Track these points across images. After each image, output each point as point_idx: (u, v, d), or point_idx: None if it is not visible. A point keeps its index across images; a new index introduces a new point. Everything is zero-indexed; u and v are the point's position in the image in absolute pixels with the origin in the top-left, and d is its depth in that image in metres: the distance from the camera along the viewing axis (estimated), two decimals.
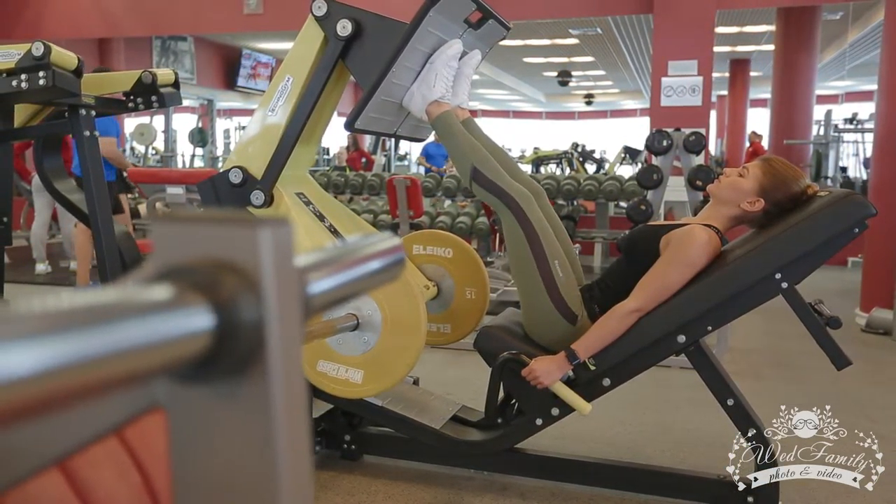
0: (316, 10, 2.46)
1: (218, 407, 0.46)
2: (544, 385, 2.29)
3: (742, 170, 2.37)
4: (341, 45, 2.44)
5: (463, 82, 2.62)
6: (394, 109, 2.56)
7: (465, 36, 2.59)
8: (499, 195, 2.35)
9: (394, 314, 2.22)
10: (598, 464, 2.59)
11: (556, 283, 2.33)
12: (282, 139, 2.54)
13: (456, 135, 2.46)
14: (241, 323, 0.43)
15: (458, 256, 2.91)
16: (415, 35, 2.33)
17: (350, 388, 2.30)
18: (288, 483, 0.47)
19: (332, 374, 2.31)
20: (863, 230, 2.13)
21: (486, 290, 2.90)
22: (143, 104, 3.29)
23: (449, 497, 2.53)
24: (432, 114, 2.49)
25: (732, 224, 2.40)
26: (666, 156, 5.86)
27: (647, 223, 2.51)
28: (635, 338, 2.28)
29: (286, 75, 2.56)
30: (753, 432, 2.33)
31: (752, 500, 2.36)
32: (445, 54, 2.48)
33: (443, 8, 2.34)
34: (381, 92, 2.39)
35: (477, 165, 2.38)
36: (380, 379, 2.29)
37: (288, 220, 0.48)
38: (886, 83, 5.18)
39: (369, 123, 2.52)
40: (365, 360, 2.28)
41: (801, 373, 4.11)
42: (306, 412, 0.51)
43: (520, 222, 2.34)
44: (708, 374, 2.38)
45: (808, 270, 2.20)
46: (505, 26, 2.74)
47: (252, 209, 2.61)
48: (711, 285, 2.23)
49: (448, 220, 8.39)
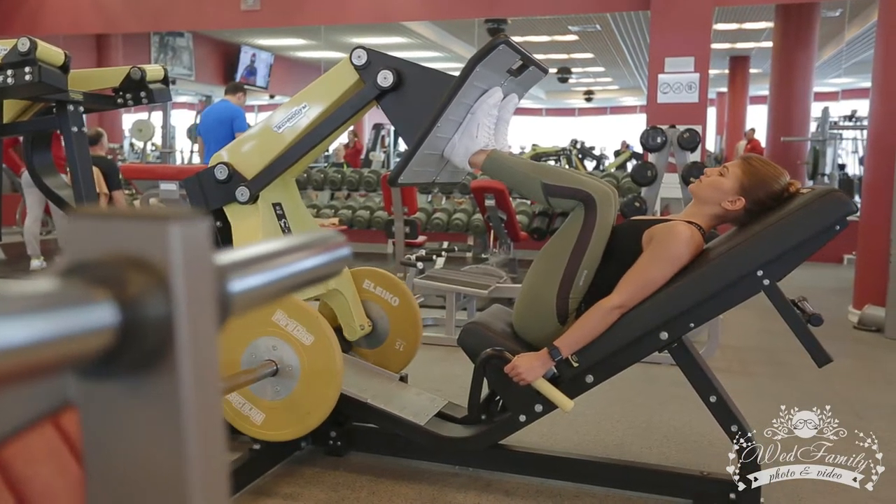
0: (355, 60, 2.49)
1: (127, 403, 0.46)
2: (527, 381, 2.29)
3: (723, 169, 2.37)
4: (377, 93, 2.46)
5: (502, 127, 2.61)
6: (435, 160, 2.56)
7: (505, 83, 2.59)
8: (574, 195, 2.32)
9: (312, 377, 2.30)
10: (582, 460, 2.59)
11: (571, 286, 2.33)
12: (284, 155, 2.59)
13: (511, 167, 2.45)
14: (147, 319, 0.43)
15: (402, 308, 3.02)
16: (461, 90, 2.33)
17: (248, 425, 2.39)
18: (199, 480, 0.47)
19: (236, 406, 2.38)
20: (844, 227, 2.13)
21: (416, 346, 3.02)
22: (132, 100, 3.30)
23: (433, 493, 2.54)
24: (477, 163, 2.47)
25: (715, 222, 2.40)
26: (661, 153, 5.87)
27: (630, 219, 2.51)
28: (618, 334, 2.28)
29: (303, 102, 2.59)
30: (736, 429, 2.34)
31: (734, 496, 2.37)
32: (486, 104, 2.46)
33: (490, 63, 2.34)
34: (424, 146, 2.39)
35: (545, 181, 2.35)
36: (277, 427, 2.37)
37: (202, 216, 0.48)
38: (880, 82, 5.17)
39: (412, 176, 2.52)
40: (271, 406, 2.35)
41: (792, 370, 4.11)
42: (220, 410, 0.51)
43: (586, 221, 2.30)
44: (691, 371, 2.38)
45: (789, 267, 2.20)
46: (543, 70, 2.74)
47: (234, 206, 2.63)
48: (694, 282, 2.23)
49: (444, 217, 8.40)
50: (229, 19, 9.40)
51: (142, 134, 11.84)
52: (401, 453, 2.76)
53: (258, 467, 2.57)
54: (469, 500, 2.50)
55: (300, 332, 2.31)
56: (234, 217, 2.65)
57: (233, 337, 2.37)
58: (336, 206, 8.90)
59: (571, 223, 2.34)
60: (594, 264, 2.34)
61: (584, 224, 2.31)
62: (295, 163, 2.59)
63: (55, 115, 3.05)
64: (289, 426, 2.36)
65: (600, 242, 2.33)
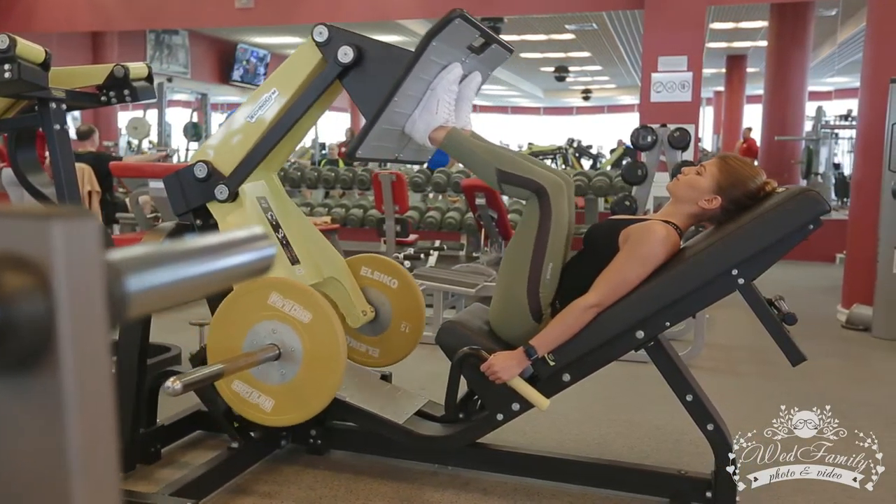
0: (317, 36, 2.46)
1: (7, 404, 0.46)
2: (502, 380, 2.29)
3: (700, 168, 2.38)
4: (339, 70, 2.45)
5: (465, 105, 2.61)
6: (396, 136, 2.55)
7: (467, 60, 2.58)
8: (528, 185, 2.32)
9: (315, 354, 2.25)
10: (559, 459, 2.60)
11: (539, 281, 2.33)
12: (259, 145, 2.56)
13: (469, 148, 2.45)
14: (22, 318, 0.43)
15: (402, 289, 2.98)
16: (417, 64, 2.32)
17: (259, 413, 2.33)
18: (83, 483, 0.47)
19: (244, 396, 2.32)
20: (818, 227, 2.13)
21: (422, 326, 2.97)
22: (115, 98, 3.29)
23: (410, 492, 2.54)
24: (437, 139, 2.47)
25: (692, 221, 2.40)
26: (651, 152, 5.87)
27: (608, 218, 2.51)
28: (594, 333, 2.28)
29: (272, 88, 2.57)
30: (711, 427, 2.34)
31: (710, 495, 2.37)
32: (446, 80, 2.46)
33: (446, 37, 2.33)
34: (383, 121, 2.39)
35: (500, 167, 2.36)
36: (289, 411, 2.31)
37: (92, 213, 0.48)
38: (869, 81, 5.18)
39: (371, 151, 2.52)
40: (279, 390, 2.30)
41: (779, 369, 4.10)
42: (110, 409, 0.51)
43: (542, 211, 2.31)
44: (667, 370, 2.39)
45: (764, 266, 2.21)
46: (507, 49, 2.73)
47: (211, 204, 2.62)
48: (669, 281, 2.23)
49: (437, 216, 8.39)
50: (224, 17, 9.40)
51: (137, 132, 11.81)
52: (381, 452, 2.76)
53: (236, 466, 2.57)
54: (446, 499, 2.50)
55: (297, 311, 2.25)
56: (220, 214, 2.63)
57: (231, 326, 2.32)
58: (330, 205, 8.89)
59: (528, 218, 2.35)
60: (558, 256, 2.35)
61: (541, 217, 2.31)
62: (269, 152, 2.55)
63: (37, 112, 3.04)
64: (301, 407, 2.30)
65: (560, 233, 2.34)
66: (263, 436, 2.69)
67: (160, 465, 2.67)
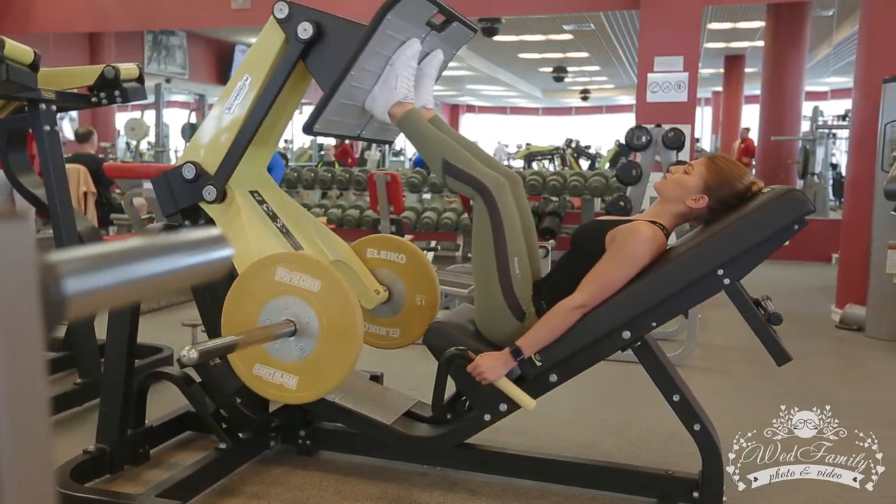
0: (277, 13, 2.45)
1: None
2: (489, 381, 2.29)
3: (688, 167, 2.38)
4: (301, 48, 2.43)
5: (426, 83, 2.61)
6: (356, 112, 2.55)
7: (428, 38, 2.58)
8: (472, 183, 2.33)
9: (331, 322, 2.21)
10: (547, 459, 2.60)
11: (511, 279, 2.33)
12: (237, 137, 2.54)
13: (422, 131, 2.45)
14: None
15: (410, 263, 2.93)
16: (373, 38, 2.32)
17: (285, 393, 2.29)
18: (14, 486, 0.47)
19: (267, 379, 2.28)
20: (802, 226, 2.13)
21: (437, 297, 2.91)
22: (106, 99, 3.29)
23: (398, 493, 2.54)
24: (396, 115, 2.48)
25: (679, 221, 2.40)
26: (646, 152, 5.86)
27: (595, 219, 2.51)
28: (580, 334, 2.28)
29: (245, 75, 2.55)
30: (698, 428, 2.34)
31: (697, 495, 2.37)
32: (404, 55, 2.46)
33: (401, 11, 2.32)
34: (341, 95, 2.38)
35: (447, 158, 2.36)
36: (314, 385, 2.26)
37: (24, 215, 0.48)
38: (862, 81, 5.18)
39: (330, 126, 2.51)
40: (300, 366, 2.25)
41: (772, 369, 4.04)
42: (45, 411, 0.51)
43: (489, 210, 2.31)
44: (654, 370, 2.39)
45: (749, 266, 2.21)
46: (471, 28, 2.73)
47: (204, 204, 2.62)
48: (655, 282, 2.23)
49: (434, 216, 8.39)
50: (220, 18, 9.40)
51: (135, 132, 11.83)
52: (371, 452, 2.76)
53: (224, 467, 2.57)
54: (434, 499, 2.50)
55: (306, 282, 2.21)
56: (213, 213, 2.61)
57: (242, 310, 2.28)
58: (326, 206, 8.90)
59: (479, 219, 2.35)
60: (521, 250, 2.36)
61: (490, 215, 2.32)
62: (249, 142, 2.52)
63: (27, 113, 3.05)
64: (326, 377, 2.25)
65: (515, 227, 2.35)
66: (252, 436, 2.69)
67: (149, 467, 2.66)
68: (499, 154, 21.23)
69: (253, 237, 2.49)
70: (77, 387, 3.17)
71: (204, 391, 2.60)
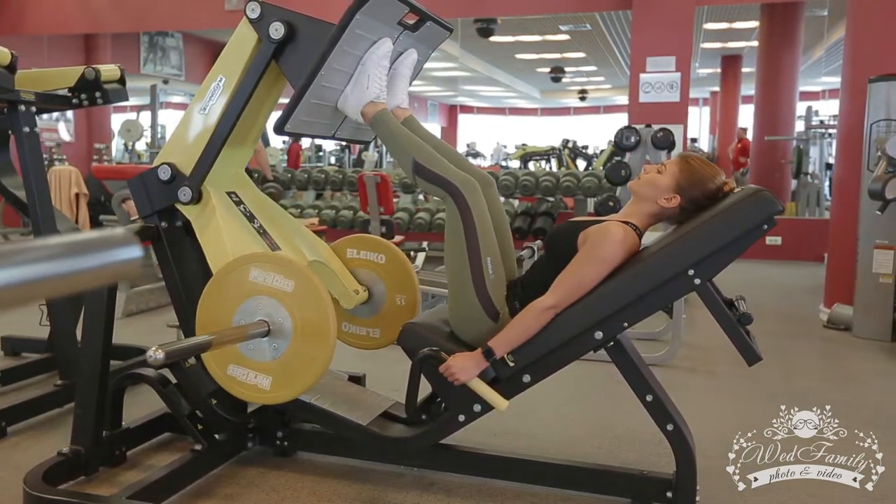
0: (249, 13, 2.45)
1: None
2: (461, 381, 2.29)
3: (661, 167, 2.38)
4: (273, 48, 2.43)
5: (400, 82, 2.62)
6: (328, 112, 2.55)
7: (401, 37, 2.58)
8: (442, 185, 2.33)
9: (304, 322, 2.22)
10: (524, 460, 2.59)
11: (484, 279, 2.33)
12: (212, 138, 2.54)
13: (393, 132, 2.45)
14: None
15: (390, 263, 2.93)
16: (343, 38, 2.31)
17: (259, 393, 2.29)
18: None
19: (241, 379, 2.29)
20: (771, 226, 2.13)
21: (417, 296, 2.91)
22: (87, 100, 3.30)
23: (374, 494, 2.54)
24: (368, 115, 2.47)
25: (652, 221, 2.40)
26: (635, 152, 5.88)
27: (568, 220, 2.51)
28: (552, 334, 2.28)
29: (219, 75, 2.55)
30: (671, 428, 2.34)
31: (670, 495, 2.37)
32: (375, 54, 2.46)
33: (370, 11, 2.32)
34: (312, 95, 2.38)
35: (417, 159, 2.36)
36: (288, 386, 2.27)
37: None
38: (849, 82, 5.18)
39: (302, 127, 2.50)
40: (274, 366, 2.26)
41: (755, 369, 4.07)
42: None
43: (460, 211, 2.31)
44: (627, 370, 2.38)
45: (720, 266, 2.20)
46: (445, 28, 2.72)
47: (180, 206, 2.62)
48: (626, 282, 2.23)
49: (427, 217, 8.40)
50: (214, 19, 9.41)
51: (130, 134, 11.83)
52: (348, 454, 2.76)
53: (199, 468, 2.56)
54: (410, 500, 2.50)
55: (280, 282, 2.23)
56: (190, 213, 2.61)
57: (217, 310, 2.30)
58: (320, 206, 8.90)
59: (451, 220, 2.34)
60: (494, 249, 2.35)
61: (462, 216, 2.31)
62: (223, 143, 2.52)
63: (6, 115, 3.05)
64: (299, 378, 2.26)
65: (487, 227, 2.34)
66: (228, 438, 2.69)
67: (125, 468, 2.66)
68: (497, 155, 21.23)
69: (229, 238, 2.49)
70: (58, 388, 3.18)
71: (179, 392, 2.60)
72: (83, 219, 7.11)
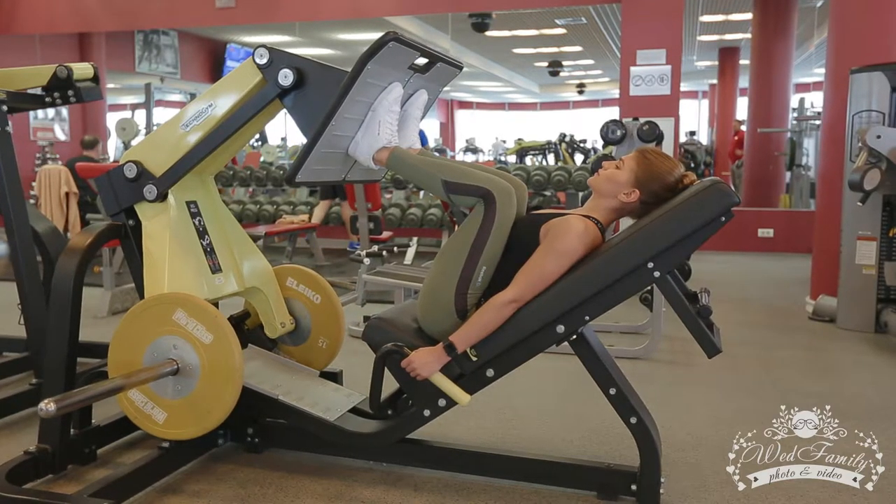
0: (258, 59, 2.47)
1: None
2: (423, 376, 2.30)
3: (619, 162, 2.38)
4: (278, 91, 2.45)
5: (411, 123, 2.61)
6: (339, 158, 2.53)
7: (411, 80, 2.55)
8: (474, 192, 2.31)
9: (211, 375, 2.31)
10: (490, 454, 2.60)
11: (469, 283, 2.32)
12: (188, 155, 2.58)
13: (413, 165, 2.43)
14: None
15: (324, 305, 3.03)
16: (354, 87, 2.30)
17: (150, 424, 2.39)
18: None
19: (138, 405, 2.38)
20: (729, 219, 2.12)
21: (338, 344, 3.03)
22: (60, 99, 3.30)
23: (340, 489, 2.54)
24: (381, 160, 2.46)
25: (614, 215, 2.40)
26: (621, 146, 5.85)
27: (530, 213, 2.50)
28: (514, 328, 2.28)
29: (210, 101, 2.57)
30: (635, 421, 2.35)
31: (635, 487, 2.37)
32: (386, 101, 2.44)
33: (381, 59, 2.30)
34: (323, 145, 2.37)
35: (444, 178, 2.35)
36: (179, 427, 2.37)
37: None
38: (832, 73, 5.16)
39: (313, 175, 2.49)
40: (172, 404, 2.36)
41: (736, 361, 4.11)
42: None
43: (485, 215, 2.29)
44: (590, 364, 2.39)
45: (678, 259, 2.21)
46: (456, 66, 2.71)
47: (144, 203, 2.63)
48: (586, 275, 2.23)
49: (418, 213, 8.40)
50: (205, 17, 9.40)
51: (125, 132, 11.83)
52: (318, 449, 2.76)
53: (166, 465, 2.56)
54: (376, 495, 2.50)
55: (200, 331, 2.31)
56: (144, 215, 2.64)
57: (133, 336, 2.37)
58: (312, 203, 8.91)
59: (472, 220, 2.34)
60: (493, 261, 2.33)
61: (483, 221, 2.30)
62: (199, 162, 2.57)
63: None
64: (190, 425, 2.35)
65: (499, 239, 2.32)
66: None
67: (95, 467, 2.67)
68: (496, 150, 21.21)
69: (171, 260, 2.55)
70: (32, 387, 3.18)
71: None
72: (73, 218, 7.12)
